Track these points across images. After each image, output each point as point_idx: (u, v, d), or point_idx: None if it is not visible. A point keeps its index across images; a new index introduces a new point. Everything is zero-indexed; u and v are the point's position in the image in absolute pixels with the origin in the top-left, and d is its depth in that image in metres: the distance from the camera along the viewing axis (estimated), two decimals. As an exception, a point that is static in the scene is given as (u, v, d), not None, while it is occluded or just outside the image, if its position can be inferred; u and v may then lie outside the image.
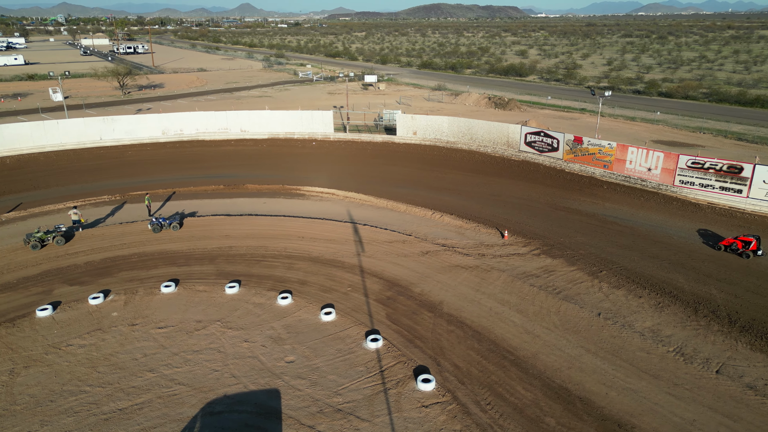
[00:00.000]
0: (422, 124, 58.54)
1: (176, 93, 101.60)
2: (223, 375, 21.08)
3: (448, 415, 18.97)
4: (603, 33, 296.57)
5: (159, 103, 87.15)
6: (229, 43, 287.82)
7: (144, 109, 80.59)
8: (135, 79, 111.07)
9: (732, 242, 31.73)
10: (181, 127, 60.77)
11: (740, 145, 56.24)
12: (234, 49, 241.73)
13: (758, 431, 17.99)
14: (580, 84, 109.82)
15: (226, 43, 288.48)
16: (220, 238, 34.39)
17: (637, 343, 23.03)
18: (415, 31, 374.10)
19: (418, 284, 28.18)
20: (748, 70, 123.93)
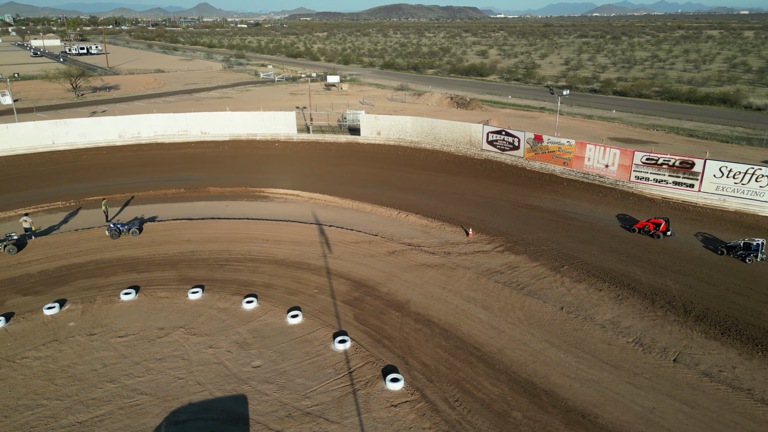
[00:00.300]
0: (386, 124, 58.67)
1: (133, 95, 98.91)
2: (188, 382, 20.63)
3: (417, 414, 19.06)
4: (560, 33, 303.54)
5: (115, 105, 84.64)
6: (187, 43, 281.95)
7: (99, 111, 78.14)
8: (89, 81, 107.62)
9: (644, 225, 34.65)
10: (138, 129, 59.18)
11: (691, 141, 58.43)
12: (192, 50, 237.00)
13: (714, 416, 18.71)
14: (539, 83, 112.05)
15: (184, 43, 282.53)
16: (181, 242, 33.65)
17: (598, 335, 23.65)
18: (376, 32, 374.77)
19: (385, 284, 28.22)
20: (697, 68, 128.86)
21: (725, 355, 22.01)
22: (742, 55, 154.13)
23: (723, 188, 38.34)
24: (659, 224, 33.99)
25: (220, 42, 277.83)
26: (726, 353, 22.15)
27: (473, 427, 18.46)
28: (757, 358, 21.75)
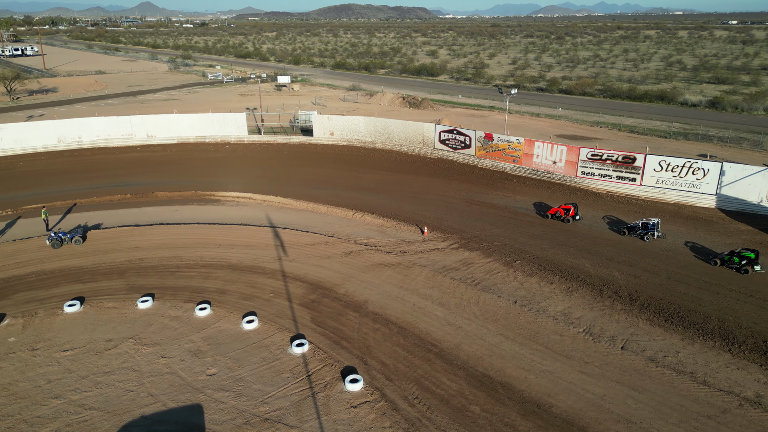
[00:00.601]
0: (339, 125, 58.46)
1: (72, 97, 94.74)
2: (139, 395, 19.95)
3: (377, 413, 19.09)
4: (507, 33, 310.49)
5: (53, 108, 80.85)
6: (129, 43, 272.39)
7: (36, 115, 74.44)
8: (24, 84, 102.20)
9: (556, 211, 37.43)
10: (79, 133, 56.75)
11: (633, 137, 60.91)
12: (136, 50, 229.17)
13: (661, 400, 19.57)
14: (488, 83, 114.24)
15: (127, 43, 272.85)
16: (128, 250, 32.50)
17: (550, 326, 24.32)
18: (326, 32, 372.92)
19: (342, 285, 28.11)
20: (636, 67, 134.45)
21: (669, 341, 23.05)
22: (678, 54, 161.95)
23: (663, 181, 40.15)
24: (569, 210, 36.89)
25: (165, 42, 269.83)
26: (670, 339, 23.20)
27: (433, 424, 18.64)
28: (699, 342, 22.87)
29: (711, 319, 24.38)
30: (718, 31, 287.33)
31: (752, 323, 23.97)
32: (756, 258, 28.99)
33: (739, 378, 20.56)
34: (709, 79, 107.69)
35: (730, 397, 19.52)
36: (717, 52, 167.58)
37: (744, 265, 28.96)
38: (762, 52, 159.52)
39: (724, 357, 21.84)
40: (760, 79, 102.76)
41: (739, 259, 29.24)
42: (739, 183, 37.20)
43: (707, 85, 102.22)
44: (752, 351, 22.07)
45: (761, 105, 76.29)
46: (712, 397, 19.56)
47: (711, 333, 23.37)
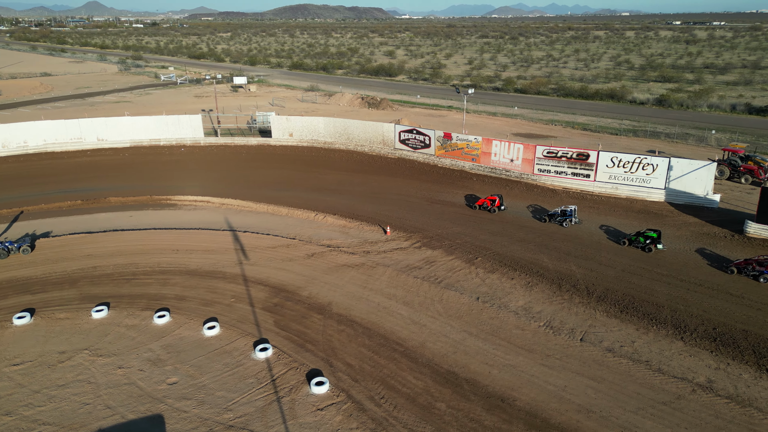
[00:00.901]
0: (298, 126, 57.95)
1: (16, 101, 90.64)
2: (96, 407, 19.26)
3: (344, 415, 19.02)
4: (462, 34, 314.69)
5: (-5, 112, 77.18)
6: (76, 44, 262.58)
7: (-23, 119, 70.83)
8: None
9: (483, 202, 39.74)
10: (24, 138, 54.32)
11: (586, 134, 62.76)
12: (83, 51, 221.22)
13: (619, 389, 20.20)
14: (446, 83, 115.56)
15: (74, 44, 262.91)
16: (81, 258, 31.32)
17: (512, 321, 24.78)
18: (282, 32, 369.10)
19: (305, 287, 27.88)
20: (587, 67, 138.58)
21: (625, 331, 23.83)
22: (626, 54, 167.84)
23: (615, 177, 41.50)
24: (494, 200, 39.31)
25: (114, 43, 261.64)
26: (625, 329, 23.99)
27: (399, 423, 18.70)
28: (653, 331, 23.74)
29: (663, 309, 25.34)
30: (663, 31, 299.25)
31: (702, 311, 25.05)
32: (658, 237, 32.01)
33: (691, 365, 21.44)
34: (656, 78, 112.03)
35: (683, 383, 20.33)
36: (662, 51, 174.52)
37: (648, 244, 31.88)
38: (704, 52, 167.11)
39: (676, 345, 22.73)
40: (703, 77, 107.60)
41: (644, 239, 32.18)
42: (686, 177, 38.81)
43: (654, 83, 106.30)
44: (703, 338, 23.05)
45: (705, 102, 79.89)
46: (666, 384, 20.33)
47: (664, 322, 24.28)
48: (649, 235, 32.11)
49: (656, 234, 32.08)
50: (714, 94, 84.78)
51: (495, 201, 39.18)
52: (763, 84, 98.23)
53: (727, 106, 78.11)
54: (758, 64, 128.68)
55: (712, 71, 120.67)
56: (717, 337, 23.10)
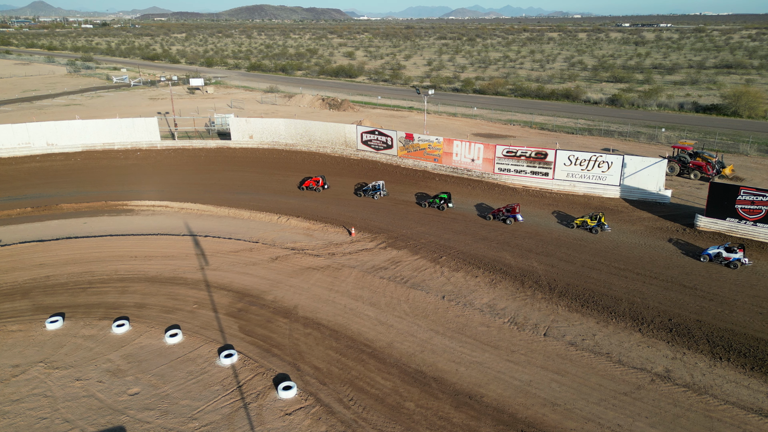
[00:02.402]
0: (258, 128, 57.15)
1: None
2: (54, 422, 18.50)
3: (313, 418, 18.87)
4: (421, 35, 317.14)
5: (-65, 116, 73.23)
6: (22, 45, 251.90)
7: None
8: None
9: (309, 183, 44.60)
10: (-32, 143, 51.75)
11: (543, 133, 64.21)
12: (29, 53, 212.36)
13: (582, 381, 20.73)
14: (406, 84, 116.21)
15: (19, 45, 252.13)
16: (32, 267, 30.06)
17: (478, 318, 25.10)
18: (239, 33, 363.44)
19: (270, 291, 27.51)
20: (543, 67, 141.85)
21: (586, 325, 24.49)
22: (579, 55, 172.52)
23: (572, 175, 42.58)
24: (318, 181, 44.93)
25: (63, 44, 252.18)
26: (586, 323, 24.65)
27: (369, 424, 18.67)
28: (612, 324, 24.47)
29: (621, 302, 26.16)
30: (613, 33, 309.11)
31: (658, 303, 25.97)
32: (449, 198, 40.46)
33: (649, 355, 22.20)
34: (608, 78, 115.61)
35: (642, 373, 21.03)
36: (613, 52, 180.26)
37: (441, 204, 39.86)
38: (652, 53, 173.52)
39: (635, 336, 23.50)
40: (653, 77, 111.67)
41: (439, 200, 40.16)
42: (639, 174, 40.18)
43: (606, 83, 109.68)
44: (660, 329, 23.89)
45: (654, 101, 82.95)
46: (626, 374, 20.99)
47: (622, 315, 25.07)
48: (441, 196, 40.30)
49: (447, 195, 40.53)
50: (663, 94, 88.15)
51: (319, 182, 44.78)
52: (709, 84, 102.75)
53: (675, 105, 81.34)
54: (703, 64, 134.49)
55: (660, 71, 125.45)
56: (673, 327, 23.99)
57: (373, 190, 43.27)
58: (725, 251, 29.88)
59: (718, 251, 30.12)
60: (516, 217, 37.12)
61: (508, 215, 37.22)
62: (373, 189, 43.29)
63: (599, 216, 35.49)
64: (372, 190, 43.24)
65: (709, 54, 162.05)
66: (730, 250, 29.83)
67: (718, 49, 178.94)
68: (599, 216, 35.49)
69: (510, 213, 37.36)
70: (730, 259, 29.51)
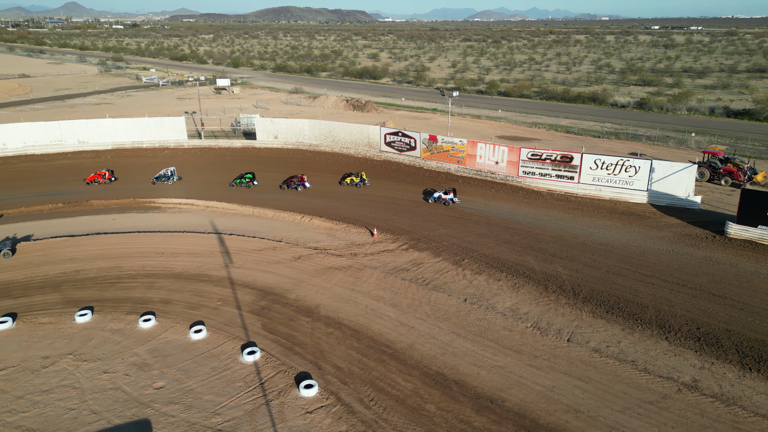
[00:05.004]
0: (283, 128, 57.68)
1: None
2: (81, 413, 18.93)
3: (333, 417, 18.95)
4: (446, 37, 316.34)
5: (-28, 113, 75.62)
6: (55, 45, 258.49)
7: (-47, 121, 69.32)
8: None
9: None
10: (3, 140, 53.28)
11: (569, 137, 63.47)
12: (62, 53, 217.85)
13: (606, 388, 20.42)
14: (430, 85, 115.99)
15: (52, 45, 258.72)
16: (63, 262, 30.81)
17: (500, 322, 24.92)
18: (266, 34, 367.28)
19: (292, 290, 27.73)
20: (569, 70, 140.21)
21: (611, 332, 24.11)
22: (606, 58, 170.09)
23: (598, 179, 42.01)
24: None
25: (94, 44, 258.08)
26: (611, 329, 24.27)
27: (389, 425, 18.68)
28: (638, 331, 24.05)
29: (648, 309, 25.69)
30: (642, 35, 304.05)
31: (686, 311, 25.44)
32: (253, 177, 46.34)
33: (676, 364, 21.76)
34: (636, 82, 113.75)
35: (669, 382, 20.62)
36: (642, 55, 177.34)
37: (297, 185, 45.06)
38: (682, 56, 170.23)
39: (662, 345, 23.06)
40: (682, 80, 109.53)
41: (245, 180, 45.63)
42: (667, 179, 39.45)
43: (634, 87, 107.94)
44: (687, 338, 23.40)
45: (684, 105, 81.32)
46: (652, 383, 20.60)
47: (649, 322, 24.62)
48: (247, 176, 45.98)
49: (251, 175, 45.89)
50: (693, 98, 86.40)
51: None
52: (741, 88, 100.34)
53: (705, 110, 79.62)
54: (735, 68, 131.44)
55: (690, 75, 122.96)
56: (701, 336, 23.48)
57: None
58: (443, 194, 40.92)
59: (439, 194, 41.53)
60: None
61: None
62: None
63: (361, 173, 46.03)
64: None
65: (741, 58, 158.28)
66: (446, 193, 41.36)
67: (751, 52, 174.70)
68: (361, 173, 46.03)
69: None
70: (446, 200, 40.56)
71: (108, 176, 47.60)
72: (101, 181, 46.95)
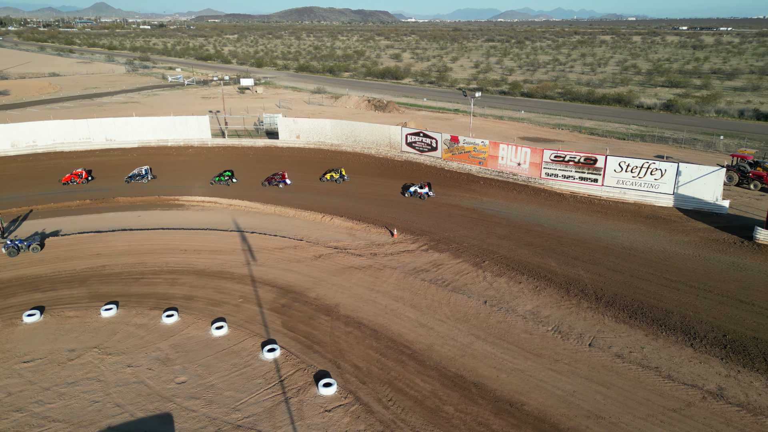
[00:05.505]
0: (305, 128, 58.06)
1: (25, 100, 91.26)
2: (105, 405, 19.32)
3: (352, 417, 19.00)
4: (468, 38, 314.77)
5: (5, 112, 77.71)
6: (84, 45, 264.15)
7: (-14, 118, 71.36)
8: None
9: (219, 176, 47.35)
10: (33, 138, 54.65)
11: (593, 138, 62.62)
12: (91, 52, 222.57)
13: (628, 395, 20.10)
14: (452, 86, 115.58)
15: (81, 45, 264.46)
16: (90, 257, 31.47)
17: (520, 325, 24.71)
18: (289, 34, 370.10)
19: (313, 289, 27.90)
20: (594, 71, 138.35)
21: (634, 337, 23.72)
22: (632, 59, 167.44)
23: (623, 182, 41.37)
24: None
25: (122, 44, 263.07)
26: (634, 335, 23.87)
27: (407, 425, 18.66)
28: (662, 337, 23.61)
29: (673, 315, 25.21)
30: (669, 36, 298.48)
31: (712, 318, 24.89)
32: (233, 174, 47.25)
33: (701, 372, 21.31)
34: (663, 83, 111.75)
35: (693, 390, 20.21)
36: (669, 56, 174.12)
37: (227, 180, 46.47)
38: (711, 57, 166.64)
39: (686, 351, 22.60)
40: (711, 82, 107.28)
41: (225, 177, 46.73)
42: (695, 183, 38.67)
43: (661, 88, 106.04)
44: (713, 345, 22.90)
45: (712, 107, 79.61)
46: (676, 390, 20.21)
47: (673, 328, 24.15)
48: (226, 173, 46.94)
49: (230, 172, 47.15)
50: (722, 100, 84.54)
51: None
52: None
53: (735, 112, 77.78)
54: (766, 70, 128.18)
55: (719, 77, 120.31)
56: (727, 344, 22.96)
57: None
58: (419, 188, 42.51)
59: (415, 188, 43.14)
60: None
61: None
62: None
63: (340, 170, 47.28)
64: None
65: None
66: (421, 187, 42.95)
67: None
68: (340, 170, 47.28)
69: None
70: (421, 193, 42.07)
71: (85, 176, 47.44)
72: (78, 181, 46.83)
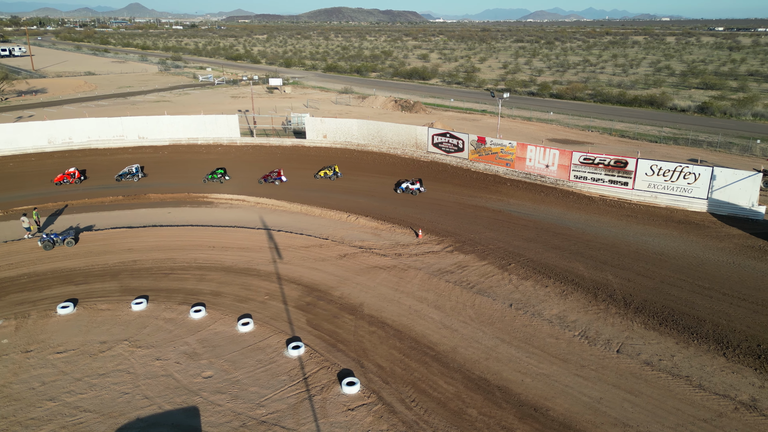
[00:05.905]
0: (332, 127, 58.39)
1: (62, 98, 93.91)
2: (135, 397, 19.76)
3: (375, 416, 19.04)
4: (497, 38, 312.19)
5: (42, 109, 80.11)
6: (119, 45, 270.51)
7: (25, 116, 73.71)
8: (13, 84, 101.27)
9: (406, 185, 45.86)
10: (69, 135, 56.21)
11: (624, 141, 61.44)
12: (125, 52, 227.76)
13: (657, 403, 19.69)
14: (480, 86, 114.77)
15: (116, 45, 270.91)
16: (122, 252, 32.23)
17: (546, 330, 24.40)
18: (317, 35, 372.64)
19: (337, 288, 28.05)
20: (625, 72, 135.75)
21: (664, 344, 23.21)
22: (666, 60, 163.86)
23: (654, 186, 40.51)
24: (415, 182, 45.41)
25: (155, 44, 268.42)
26: (664, 342, 23.36)
27: (430, 427, 18.62)
28: (693, 346, 23.05)
29: (705, 323, 24.59)
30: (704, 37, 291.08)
31: (746, 327, 24.20)
32: (225, 172, 47.87)
33: (734, 382, 20.74)
34: (698, 85, 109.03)
35: (725, 401, 19.68)
36: (704, 58, 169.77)
37: (220, 178, 46.88)
38: (748, 59, 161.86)
39: (718, 361, 22.02)
40: (748, 84, 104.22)
41: (217, 175, 47.30)
42: (730, 187, 37.64)
43: (695, 90, 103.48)
44: (746, 355, 22.26)
45: (749, 110, 77.32)
46: (707, 401, 19.71)
47: (705, 337, 23.55)
48: (218, 171, 47.35)
49: (222, 170, 47.42)
50: (759, 103, 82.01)
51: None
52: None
53: (773, 116, 75.42)
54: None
55: (757, 79, 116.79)
56: (761, 354, 22.28)
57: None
58: (410, 184, 43.59)
59: (406, 185, 44.05)
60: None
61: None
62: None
63: (334, 167, 47.87)
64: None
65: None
66: (413, 183, 44.13)
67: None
68: (334, 167, 47.87)
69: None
70: (413, 189, 43.14)
71: (78, 175, 47.27)
72: (71, 181, 46.66)
